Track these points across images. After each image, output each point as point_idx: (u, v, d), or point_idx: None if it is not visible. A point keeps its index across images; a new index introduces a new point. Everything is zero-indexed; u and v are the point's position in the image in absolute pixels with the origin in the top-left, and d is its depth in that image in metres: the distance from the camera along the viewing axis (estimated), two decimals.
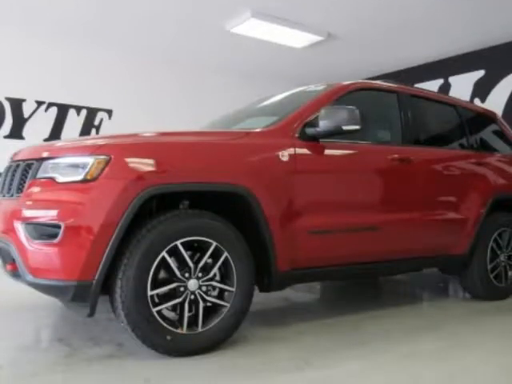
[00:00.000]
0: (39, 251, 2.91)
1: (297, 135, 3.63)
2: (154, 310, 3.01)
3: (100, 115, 8.19)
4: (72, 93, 7.88)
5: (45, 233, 2.90)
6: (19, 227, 2.99)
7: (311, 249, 3.64)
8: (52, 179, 3.00)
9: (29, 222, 2.96)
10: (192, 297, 3.13)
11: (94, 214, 2.86)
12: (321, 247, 3.70)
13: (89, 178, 2.92)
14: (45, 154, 3.12)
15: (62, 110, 7.86)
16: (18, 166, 3.32)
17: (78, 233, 2.86)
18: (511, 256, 5.04)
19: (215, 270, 3.21)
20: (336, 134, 3.66)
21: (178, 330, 3.09)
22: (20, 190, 3.18)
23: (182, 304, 3.11)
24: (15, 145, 6.97)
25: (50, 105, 7.79)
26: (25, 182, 3.15)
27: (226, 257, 3.23)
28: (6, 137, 7.47)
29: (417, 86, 8.54)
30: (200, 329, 3.15)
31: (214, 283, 3.22)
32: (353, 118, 3.60)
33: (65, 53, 7.83)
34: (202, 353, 3.14)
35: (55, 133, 7.81)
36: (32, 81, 7.56)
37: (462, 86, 8.46)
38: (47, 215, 2.92)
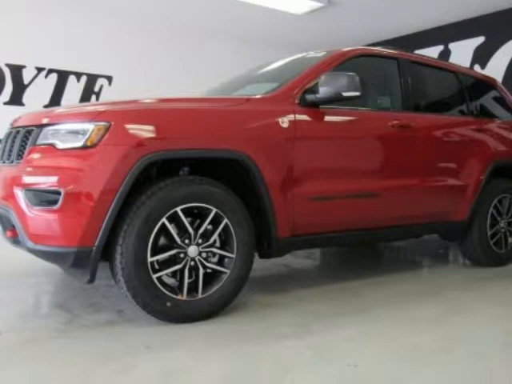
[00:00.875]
0: (39, 217, 2.91)
1: (297, 101, 3.60)
2: (154, 276, 3.03)
3: (100, 82, 8.14)
4: (72, 59, 7.81)
5: (45, 199, 2.90)
6: (19, 193, 2.98)
7: (311, 215, 3.65)
8: (52, 145, 2.98)
9: (29, 189, 2.96)
10: (192, 263, 3.15)
11: (93, 180, 2.85)
12: (321, 214, 3.71)
13: (89, 144, 2.91)
14: (45, 121, 3.10)
15: (62, 76, 7.80)
16: (18, 132, 3.31)
17: (77, 199, 2.85)
18: (511, 223, 5.06)
19: (215, 236, 3.21)
20: (336, 100, 3.63)
21: (178, 297, 3.11)
22: (20, 156, 3.17)
23: (182, 270, 3.12)
24: (15, 111, 7.01)
25: (50, 71, 7.72)
26: (25, 149, 3.14)
27: (226, 223, 3.23)
28: (5, 103, 7.45)
29: (417, 52, 8.54)
30: (200, 295, 3.17)
31: (214, 250, 3.22)
32: (353, 84, 3.56)
33: (65, 19, 7.74)
34: (202, 319, 3.17)
35: (55, 99, 7.77)
36: (32, 47, 7.48)
37: (461, 53, 8.38)
38: (47, 182, 2.92)
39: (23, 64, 7.49)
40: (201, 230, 3.17)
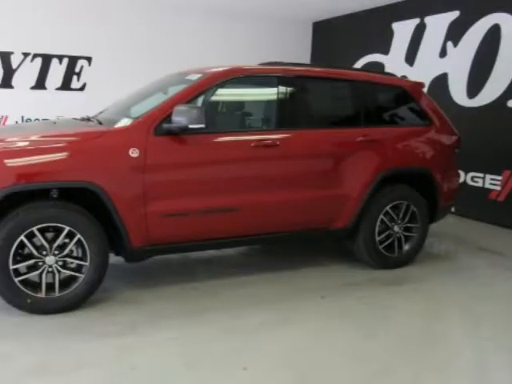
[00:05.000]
0: None
1: (152, 131, 4.17)
2: (17, 279, 3.86)
3: (80, 63, 8.86)
4: (54, 43, 8.56)
5: None
6: None
7: (166, 229, 4.30)
8: None
9: None
10: (50, 269, 3.94)
11: None
12: (175, 227, 4.34)
13: None
14: None
15: (46, 59, 8.58)
16: None
17: None
18: (409, 227, 5.31)
19: (68, 249, 3.98)
20: (186, 130, 4.18)
21: (38, 295, 3.93)
22: None
23: (41, 274, 3.93)
24: (5, 93, 7.98)
25: (35, 56, 8.51)
26: None
27: (79, 238, 3.97)
28: None
29: (394, 24, 8.67)
30: (57, 294, 3.98)
31: (68, 259, 4.00)
32: (198, 117, 4.10)
33: (47, 4, 8.43)
34: (59, 312, 3.98)
35: (40, 81, 8.61)
36: (18, 34, 8.28)
37: (436, 28, 8.23)
38: None
39: (11, 50, 8.34)
40: (56, 244, 3.93)
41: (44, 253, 3.93)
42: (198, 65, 5.23)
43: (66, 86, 8.84)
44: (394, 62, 9.06)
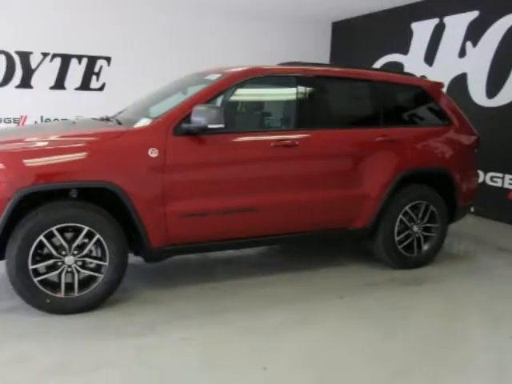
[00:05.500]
0: None
1: (171, 131, 4.17)
2: (36, 279, 3.87)
3: (100, 63, 8.88)
4: (74, 43, 8.58)
5: None
6: None
7: (185, 229, 4.30)
8: None
9: None
10: (69, 269, 3.95)
11: None
12: (195, 227, 4.34)
13: None
14: None
15: (65, 59, 8.62)
16: None
17: None
18: (429, 227, 5.30)
19: (87, 249, 3.99)
20: (205, 130, 4.18)
21: (57, 295, 3.93)
22: None
23: (60, 274, 3.93)
24: (25, 93, 8.03)
25: (54, 56, 8.55)
26: None
27: (98, 238, 3.98)
28: (17, 86, 8.41)
29: (413, 24, 8.64)
30: (76, 294, 3.98)
31: (87, 259, 4.00)
32: (218, 117, 4.09)
33: (65, 5, 8.46)
34: (79, 312, 3.99)
35: (59, 81, 8.64)
36: (37, 35, 8.31)
37: (456, 28, 8.17)
38: None
39: (30, 50, 8.36)
40: (75, 244, 3.94)
41: (63, 253, 3.93)
42: (218, 65, 5.23)
43: (85, 86, 8.87)
44: (413, 62, 9.02)
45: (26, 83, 8.44)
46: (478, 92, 7.89)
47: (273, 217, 4.63)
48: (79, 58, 8.70)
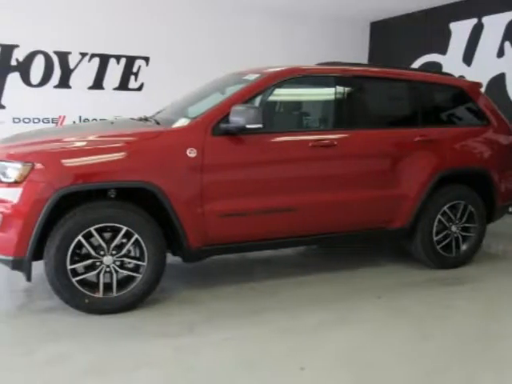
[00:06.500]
0: None
1: (210, 131, 4.15)
2: (74, 279, 3.88)
3: (138, 63, 8.91)
4: (112, 43, 8.60)
5: None
6: None
7: (223, 229, 4.27)
8: None
9: None
10: (108, 269, 3.95)
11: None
12: (234, 227, 4.31)
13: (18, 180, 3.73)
14: None
15: (104, 59, 8.65)
16: None
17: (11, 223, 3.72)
18: (467, 227, 5.24)
19: (126, 249, 3.98)
20: (244, 130, 4.14)
21: (96, 295, 3.93)
22: None
23: (98, 274, 3.94)
24: (64, 93, 8.11)
25: (93, 56, 8.58)
26: None
27: (137, 238, 3.97)
28: (55, 86, 8.45)
29: (452, 24, 8.52)
30: (115, 294, 3.98)
31: (126, 259, 4.00)
32: (256, 117, 4.05)
33: (105, 3, 8.52)
34: (117, 312, 3.98)
35: (98, 81, 8.70)
36: (76, 35, 8.36)
37: (494, 28, 8.05)
38: None
39: (69, 50, 8.40)
40: (113, 244, 3.94)
41: (102, 253, 3.93)
42: (257, 65, 5.18)
43: (123, 86, 8.90)
44: (451, 62, 8.94)
45: (64, 83, 8.48)
46: None
47: (311, 217, 4.58)
48: (117, 57, 8.73)
